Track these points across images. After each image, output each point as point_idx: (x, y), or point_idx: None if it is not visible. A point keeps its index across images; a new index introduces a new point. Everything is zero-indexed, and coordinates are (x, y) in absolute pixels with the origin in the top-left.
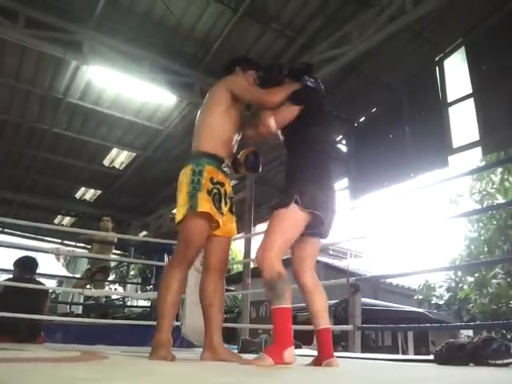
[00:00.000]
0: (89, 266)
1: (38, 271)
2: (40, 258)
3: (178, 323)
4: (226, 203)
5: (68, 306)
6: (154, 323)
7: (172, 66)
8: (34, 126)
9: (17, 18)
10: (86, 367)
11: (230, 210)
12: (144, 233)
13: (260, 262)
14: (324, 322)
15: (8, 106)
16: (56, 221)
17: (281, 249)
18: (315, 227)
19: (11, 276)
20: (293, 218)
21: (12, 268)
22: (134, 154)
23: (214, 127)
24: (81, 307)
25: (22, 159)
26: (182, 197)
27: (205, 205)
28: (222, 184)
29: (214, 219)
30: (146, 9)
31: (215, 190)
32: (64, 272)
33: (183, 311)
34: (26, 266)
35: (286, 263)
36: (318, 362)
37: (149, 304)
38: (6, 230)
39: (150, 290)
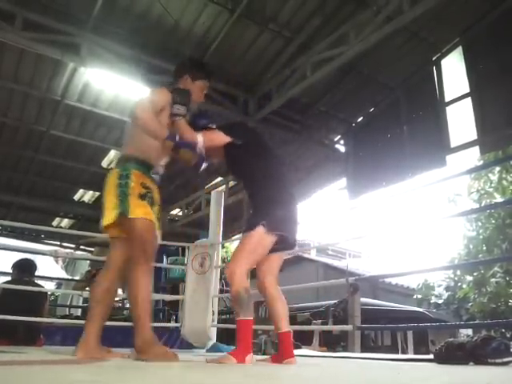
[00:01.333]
0: (89, 268)
1: (36, 273)
2: (39, 260)
3: (177, 324)
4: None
5: (67, 308)
6: (155, 324)
7: (169, 67)
8: (32, 128)
9: (14, 20)
10: (85, 369)
11: (158, 218)
12: None
13: (230, 278)
14: (285, 325)
15: (6, 109)
16: (54, 223)
17: (248, 266)
18: (281, 243)
19: (10, 278)
20: (259, 239)
21: (11, 270)
22: None
23: (142, 133)
24: (80, 309)
25: (20, 161)
26: (110, 200)
27: (138, 210)
28: (151, 190)
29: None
30: (143, 10)
31: (149, 194)
32: (63, 274)
33: (183, 312)
34: (24, 269)
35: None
36: (277, 359)
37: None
38: (4, 233)
39: None
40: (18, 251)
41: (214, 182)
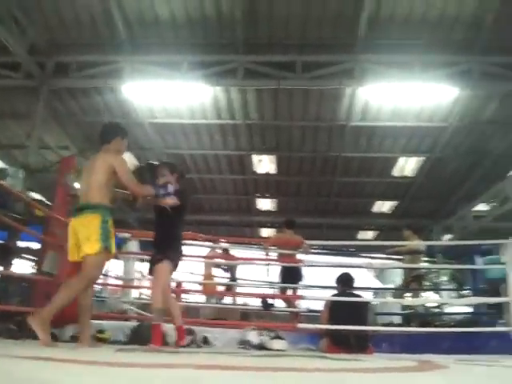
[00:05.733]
0: (404, 276)
1: (355, 285)
2: (353, 272)
3: (508, 329)
4: None
5: (387, 317)
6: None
7: (442, 58)
8: (326, 155)
9: (294, 67)
10: (434, 377)
11: None
12: (448, 236)
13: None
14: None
15: (301, 144)
16: (359, 236)
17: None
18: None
19: (335, 292)
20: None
21: (335, 284)
22: (423, 158)
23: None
24: (400, 317)
25: (321, 187)
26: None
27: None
28: None
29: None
30: (406, 12)
31: None
32: (377, 283)
33: (510, 315)
34: (346, 282)
35: None
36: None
37: (471, 310)
38: (320, 251)
39: (467, 296)
40: (335, 267)
41: None
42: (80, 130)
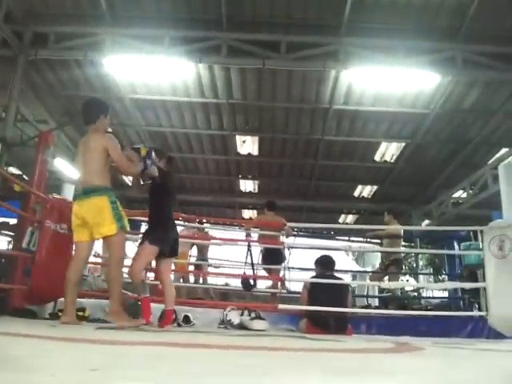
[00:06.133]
0: (382, 260)
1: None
2: (333, 255)
3: (482, 313)
4: None
5: (365, 299)
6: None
7: (426, 44)
8: (309, 137)
9: (279, 47)
10: (411, 358)
11: None
12: (426, 221)
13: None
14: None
15: (284, 126)
16: (340, 220)
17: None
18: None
19: (314, 274)
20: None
21: (314, 266)
22: (404, 144)
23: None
24: (377, 299)
25: (304, 169)
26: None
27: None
28: None
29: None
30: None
31: None
32: (355, 266)
33: (487, 300)
34: (326, 264)
35: None
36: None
37: (446, 294)
38: (300, 233)
39: (443, 280)
40: (315, 249)
41: (498, 155)
42: (59, 103)
